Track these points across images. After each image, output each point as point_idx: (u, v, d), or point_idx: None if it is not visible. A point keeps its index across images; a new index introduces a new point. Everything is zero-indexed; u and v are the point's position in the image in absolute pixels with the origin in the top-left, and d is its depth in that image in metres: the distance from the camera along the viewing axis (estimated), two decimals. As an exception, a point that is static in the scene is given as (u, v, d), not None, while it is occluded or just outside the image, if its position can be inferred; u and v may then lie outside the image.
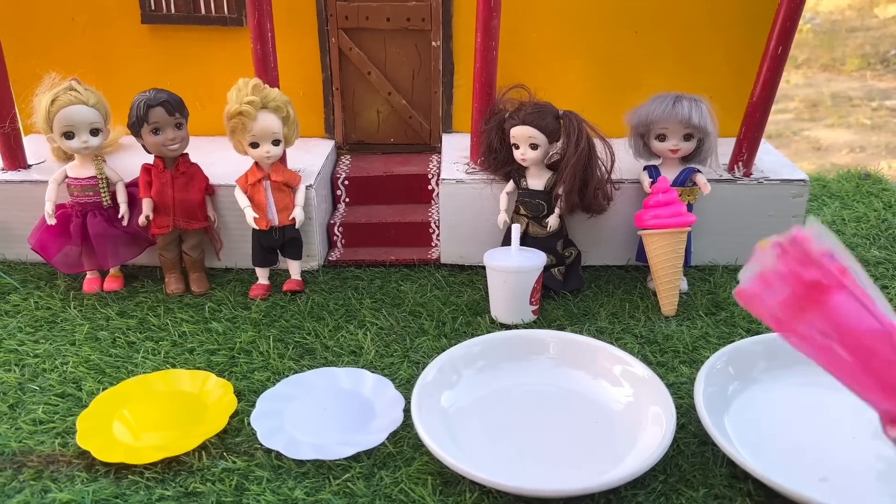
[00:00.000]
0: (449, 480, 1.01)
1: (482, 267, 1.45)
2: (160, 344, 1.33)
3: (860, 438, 1.07)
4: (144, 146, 1.43)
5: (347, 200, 1.70)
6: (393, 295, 1.49)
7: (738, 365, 1.18)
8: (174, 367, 1.26)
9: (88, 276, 1.51)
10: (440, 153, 1.73)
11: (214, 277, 1.55)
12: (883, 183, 2.02)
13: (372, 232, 1.64)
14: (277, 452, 1.06)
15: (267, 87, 1.39)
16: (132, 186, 1.50)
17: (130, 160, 1.55)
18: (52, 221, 1.45)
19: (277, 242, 1.48)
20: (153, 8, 1.67)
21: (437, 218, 1.62)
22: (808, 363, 1.19)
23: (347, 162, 1.75)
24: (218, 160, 1.55)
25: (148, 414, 1.16)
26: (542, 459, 1.04)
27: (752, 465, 0.97)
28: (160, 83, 1.43)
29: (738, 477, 1.02)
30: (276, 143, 1.41)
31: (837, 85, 4.58)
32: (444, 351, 1.21)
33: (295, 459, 1.05)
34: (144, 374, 1.24)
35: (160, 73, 1.71)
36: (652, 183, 1.44)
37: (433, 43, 1.69)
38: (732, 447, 1.01)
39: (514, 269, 1.35)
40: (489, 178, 1.53)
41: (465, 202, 1.54)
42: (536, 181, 1.45)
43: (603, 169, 1.43)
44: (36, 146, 1.66)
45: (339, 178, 1.69)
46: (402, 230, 1.63)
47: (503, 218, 1.50)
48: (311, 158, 1.65)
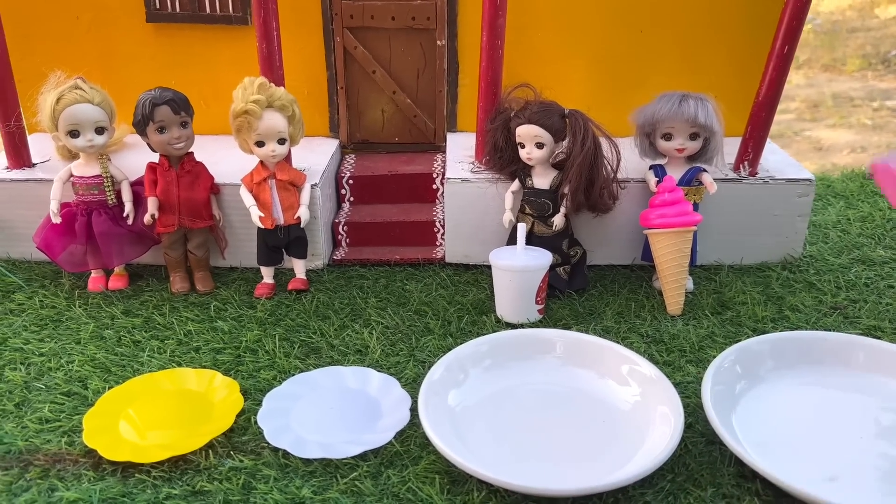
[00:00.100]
0: (456, 479, 1.01)
1: (487, 266, 1.45)
2: (166, 343, 1.32)
3: (867, 437, 1.07)
4: (150, 145, 1.42)
5: (352, 199, 1.70)
6: (398, 294, 1.48)
7: (745, 364, 1.17)
8: (180, 365, 1.26)
9: (93, 274, 1.51)
10: (445, 152, 1.72)
11: (219, 276, 1.55)
12: (887, 183, 2.02)
13: (376, 231, 1.64)
14: (284, 451, 1.06)
15: (272, 85, 1.39)
16: (137, 185, 1.49)
17: (135, 159, 1.54)
18: (56, 220, 1.45)
19: (282, 241, 1.48)
20: (158, 7, 1.66)
21: (441, 217, 1.62)
22: (814, 362, 1.21)
23: (352, 161, 1.75)
24: (223, 159, 1.55)
25: (154, 412, 1.15)
26: (549, 458, 1.04)
27: (760, 464, 0.97)
28: (165, 82, 1.43)
29: (745, 476, 1.01)
30: (281, 141, 1.41)
31: (838, 85, 4.58)
32: (449, 350, 1.20)
33: (302, 458, 1.05)
34: (150, 372, 1.24)
35: (165, 71, 1.71)
36: (658, 182, 1.44)
37: (438, 42, 1.69)
38: (740, 446, 1.00)
39: (519, 268, 1.35)
40: (494, 177, 1.53)
41: (470, 201, 1.54)
42: (542, 180, 1.45)
43: (609, 168, 1.42)
44: (41, 145, 1.65)
45: (343, 177, 1.68)
46: (406, 229, 1.63)
47: (508, 217, 1.50)
48: (315, 157, 1.65)
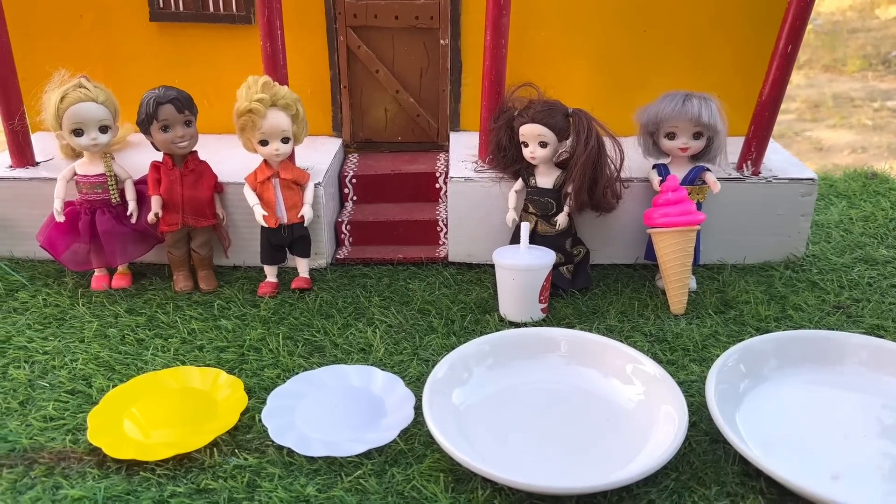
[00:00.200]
0: (461, 478, 1.01)
1: (490, 265, 1.45)
2: (169, 341, 1.32)
3: (870, 436, 1.07)
4: (153, 143, 1.42)
5: (355, 199, 1.70)
6: (401, 293, 1.49)
7: (749, 363, 1.18)
8: (184, 364, 1.26)
9: (97, 273, 1.51)
10: (448, 151, 1.72)
11: (223, 275, 1.55)
12: (890, 182, 2.02)
13: (380, 230, 1.64)
14: (289, 449, 1.06)
15: (276, 84, 1.39)
16: (141, 184, 1.49)
17: (139, 157, 1.54)
18: (60, 219, 1.45)
19: (286, 240, 1.48)
20: (161, 6, 1.66)
21: (444, 216, 1.62)
22: (818, 361, 1.21)
23: (355, 160, 1.75)
24: (227, 158, 1.55)
25: (158, 411, 1.15)
26: (553, 457, 1.04)
27: (764, 462, 0.97)
28: (169, 81, 1.43)
29: (750, 475, 1.02)
30: (285, 140, 1.41)
31: (839, 86, 4.58)
32: (453, 349, 1.20)
33: (306, 456, 1.05)
34: (154, 371, 1.24)
35: (169, 70, 1.71)
36: (661, 181, 1.44)
37: (441, 41, 1.69)
38: (744, 445, 1.01)
39: (523, 267, 1.35)
40: (498, 176, 1.53)
41: (473, 200, 1.54)
42: (545, 179, 1.45)
43: (612, 167, 1.42)
44: (44, 144, 1.66)
45: (346, 176, 1.68)
46: (409, 228, 1.63)
47: (512, 216, 1.50)
48: (319, 157, 1.65)
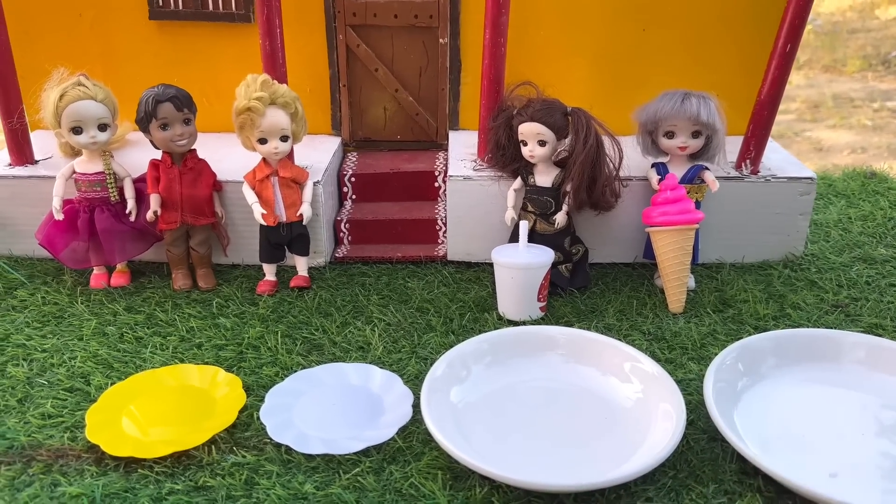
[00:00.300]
0: (459, 475, 1.01)
1: (489, 264, 1.45)
2: (168, 339, 1.33)
3: (868, 435, 1.08)
4: (152, 142, 1.43)
5: (354, 197, 1.70)
6: (400, 291, 1.49)
7: (747, 361, 1.18)
8: (182, 362, 1.26)
9: (95, 271, 1.51)
10: (447, 150, 1.72)
11: (221, 273, 1.55)
12: (889, 181, 2.02)
13: (378, 229, 1.64)
14: (287, 447, 1.06)
15: (275, 83, 1.39)
16: (140, 182, 1.50)
17: (138, 156, 1.55)
18: (59, 217, 1.45)
19: (285, 239, 1.48)
20: (161, 4, 1.66)
21: (443, 215, 1.62)
22: (816, 360, 1.21)
23: (354, 159, 1.75)
24: (226, 156, 1.55)
25: (157, 408, 1.15)
26: (551, 455, 1.04)
27: (761, 460, 0.97)
28: (168, 79, 1.43)
29: (747, 473, 1.02)
30: (284, 139, 1.41)
31: (839, 86, 4.58)
32: (451, 347, 1.20)
33: (304, 454, 1.05)
34: (153, 368, 1.24)
35: (168, 69, 1.71)
36: (660, 180, 1.44)
37: (441, 40, 1.69)
38: (742, 443, 1.01)
39: (521, 265, 1.35)
40: (496, 174, 1.53)
41: (472, 199, 1.54)
42: (544, 178, 1.45)
43: (611, 166, 1.42)
44: (43, 142, 1.65)
45: (345, 174, 1.68)
46: (408, 227, 1.63)
47: (511, 215, 1.50)
48: (318, 155, 1.65)
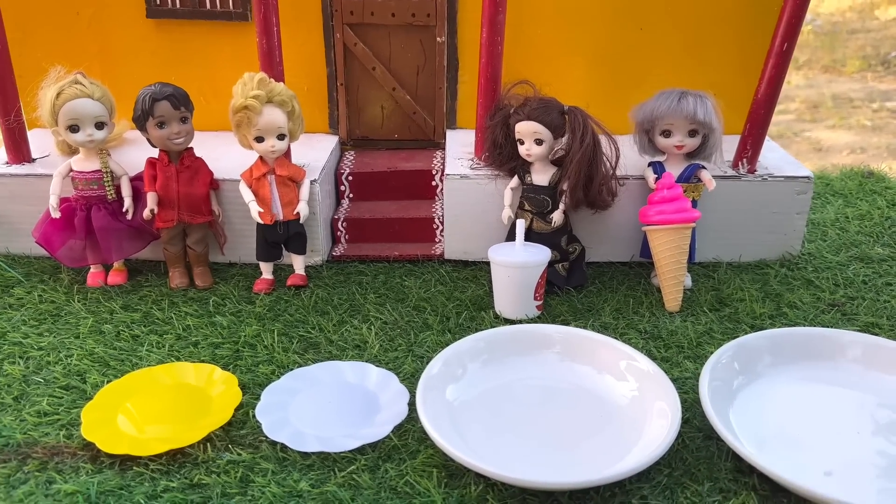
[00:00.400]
0: (454, 473, 1.01)
1: (486, 263, 1.45)
2: (164, 337, 1.33)
3: (864, 433, 1.08)
4: (149, 140, 1.43)
5: (351, 196, 1.70)
6: (397, 290, 1.49)
7: (742, 360, 1.18)
8: (179, 360, 1.26)
9: (92, 269, 1.51)
10: (444, 149, 1.72)
11: (218, 272, 1.55)
12: (886, 181, 2.02)
13: (376, 227, 1.64)
14: (282, 445, 1.06)
15: (272, 81, 1.39)
16: (137, 180, 1.49)
17: (135, 154, 1.55)
18: (56, 215, 1.45)
19: (282, 237, 1.48)
20: (158, 2, 1.66)
21: (440, 213, 1.62)
22: (812, 358, 1.21)
23: (351, 157, 1.75)
24: (223, 155, 1.55)
25: (153, 406, 1.15)
26: (546, 452, 1.04)
27: (756, 458, 0.97)
28: (165, 78, 1.43)
29: (742, 471, 1.02)
30: (281, 137, 1.41)
31: (838, 86, 4.59)
32: (448, 346, 1.20)
33: (300, 452, 1.05)
34: (149, 366, 1.24)
35: (165, 67, 1.71)
36: (657, 179, 1.44)
37: (438, 38, 1.69)
38: (737, 441, 1.01)
39: (518, 264, 1.35)
40: (493, 173, 1.53)
41: (469, 198, 1.54)
42: (541, 177, 1.46)
43: (608, 165, 1.42)
44: (40, 140, 1.65)
45: (343, 173, 1.68)
46: (405, 226, 1.63)
47: (507, 213, 1.50)
48: (315, 154, 1.65)
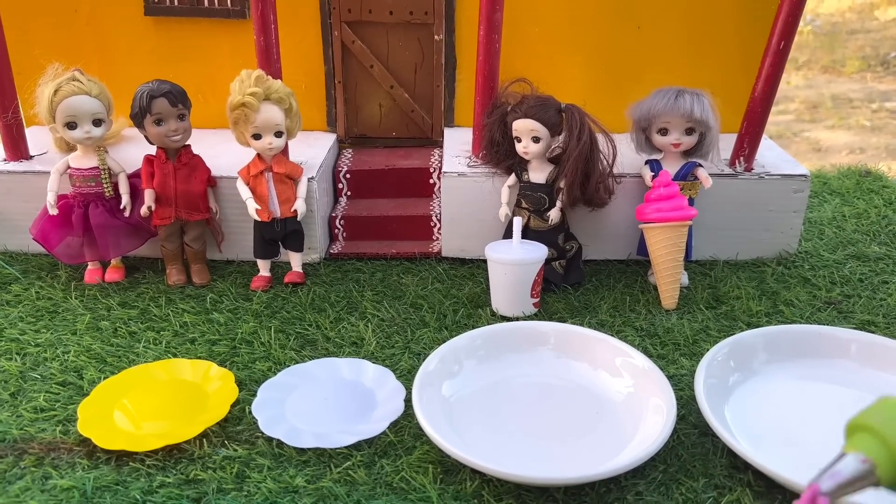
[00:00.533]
0: (450, 469, 1.01)
1: (483, 260, 1.45)
2: (161, 334, 1.33)
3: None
4: (147, 137, 1.43)
5: (349, 194, 1.70)
6: (394, 287, 1.49)
7: (738, 357, 1.18)
8: (176, 356, 1.26)
9: (90, 266, 1.51)
10: (442, 147, 1.73)
11: (216, 269, 1.55)
12: (883, 180, 2.02)
13: (373, 225, 1.64)
14: (278, 441, 1.06)
15: (270, 78, 1.39)
16: (134, 177, 1.50)
17: (133, 151, 1.55)
18: (53, 212, 1.45)
19: (279, 234, 1.48)
20: (156, 0, 1.67)
21: (438, 211, 1.63)
22: (808, 356, 1.21)
23: (349, 155, 1.76)
24: (220, 152, 1.55)
25: (149, 402, 1.16)
26: (542, 448, 1.05)
27: (751, 455, 0.97)
28: (163, 75, 1.43)
29: (737, 467, 1.02)
30: (278, 134, 1.41)
31: (838, 86, 4.59)
32: (444, 343, 1.21)
33: (296, 448, 1.05)
34: (146, 363, 1.24)
35: (163, 64, 1.71)
36: (654, 177, 1.44)
37: (436, 36, 1.69)
38: (732, 438, 1.01)
39: (515, 261, 1.35)
40: (491, 171, 1.53)
41: (466, 195, 1.54)
42: (538, 174, 1.46)
43: (605, 163, 1.43)
44: (38, 137, 1.66)
45: (340, 171, 1.69)
46: (403, 223, 1.64)
47: (504, 211, 1.50)
48: (313, 151, 1.66)
